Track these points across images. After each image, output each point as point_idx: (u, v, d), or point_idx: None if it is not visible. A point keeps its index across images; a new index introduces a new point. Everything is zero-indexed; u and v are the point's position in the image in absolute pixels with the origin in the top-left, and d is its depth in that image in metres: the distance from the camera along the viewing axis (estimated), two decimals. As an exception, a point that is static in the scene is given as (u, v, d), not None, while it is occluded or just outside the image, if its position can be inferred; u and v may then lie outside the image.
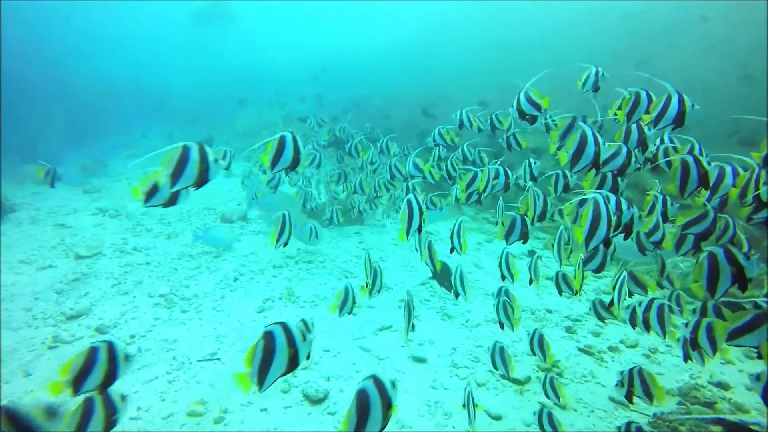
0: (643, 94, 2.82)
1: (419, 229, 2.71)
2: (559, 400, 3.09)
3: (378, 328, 4.76)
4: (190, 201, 8.82)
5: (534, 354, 3.23)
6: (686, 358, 2.58)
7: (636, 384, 2.63)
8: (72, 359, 1.80)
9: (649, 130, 2.89)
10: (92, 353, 1.80)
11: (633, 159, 2.79)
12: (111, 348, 1.82)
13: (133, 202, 8.77)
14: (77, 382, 1.77)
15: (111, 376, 1.82)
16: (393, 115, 13.06)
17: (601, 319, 3.54)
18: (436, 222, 7.76)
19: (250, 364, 1.70)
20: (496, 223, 5.07)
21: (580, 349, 4.50)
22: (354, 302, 3.29)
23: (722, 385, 3.94)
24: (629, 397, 2.65)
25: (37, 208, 8.65)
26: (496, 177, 3.73)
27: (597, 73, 3.34)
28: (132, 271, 5.83)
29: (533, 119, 3.22)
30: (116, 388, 1.94)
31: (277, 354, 1.70)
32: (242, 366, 3.90)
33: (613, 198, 2.34)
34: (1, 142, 12.16)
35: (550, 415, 2.70)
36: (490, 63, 17.92)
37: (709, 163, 2.55)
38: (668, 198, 2.89)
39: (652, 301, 2.85)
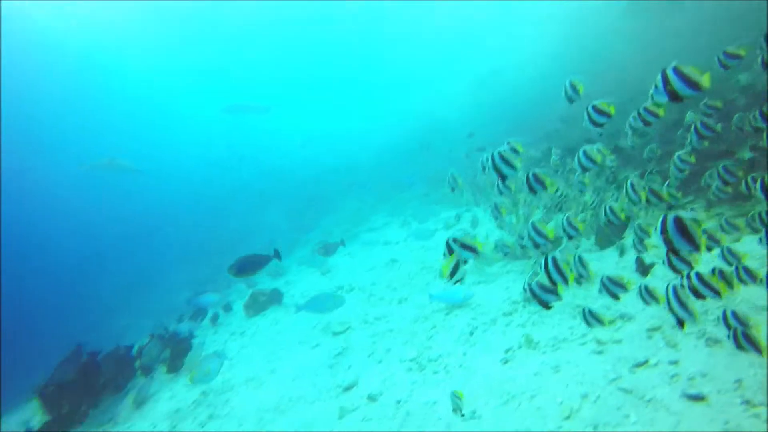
0: None
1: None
2: None
3: (633, 365, 4.43)
4: (409, 264, 9.67)
5: None
6: None
7: None
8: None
9: None
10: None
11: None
12: None
13: (363, 275, 10.01)
14: None
15: None
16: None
17: None
18: None
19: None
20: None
21: None
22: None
23: None
24: None
25: (293, 295, 10.51)
26: None
27: None
28: (379, 340, 6.62)
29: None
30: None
31: None
32: (505, 422, 4.05)
33: None
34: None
35: None
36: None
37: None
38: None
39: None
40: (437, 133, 20.52)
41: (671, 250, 2.64)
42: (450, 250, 3.42)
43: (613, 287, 3.97)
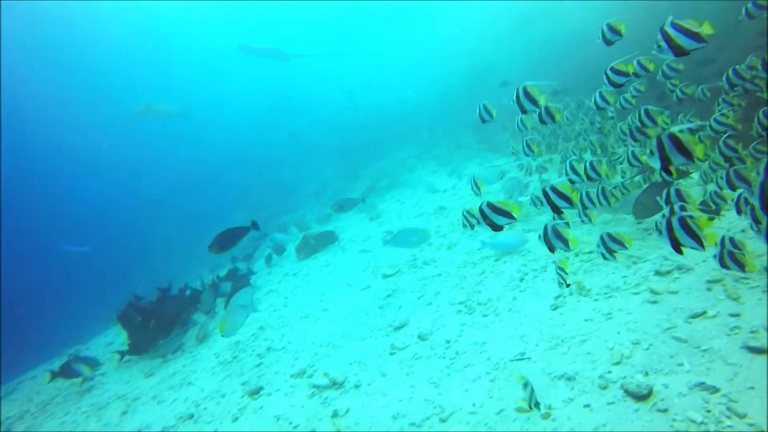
0: None
1: None
2: None
3: (689, 315, 4.36)
4: (457, 211, 9.66)
5: None
6: None
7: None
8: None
9: None
10: None
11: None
12: None
13: (411, 222, 10.12)
14: None
15: None
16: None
17: None
18: None
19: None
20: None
21: None
22: None
23: None
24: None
25: (342, 239, 10.80)
26: None
27: None
28: (429, 283, 6.77)
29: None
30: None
31: None
32: (554, 364, 4.13)
33: None
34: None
35: None
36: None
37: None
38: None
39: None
40: (483, 74, 19.66)
41: (666, 167, 2.71)
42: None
43: (611, 243, 3.88)
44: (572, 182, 4.53)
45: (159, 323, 8.26)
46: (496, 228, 3.30)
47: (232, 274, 9.72)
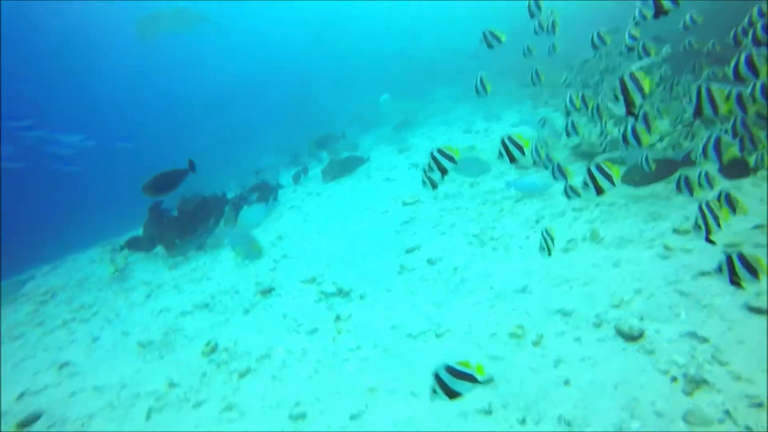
0: None
1: None
2: None
3: (697, 273, 4.36)
4: (486, 152, 9.57)
5: None
6: None
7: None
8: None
9: None
10: None
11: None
12: None
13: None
14: None
15: None
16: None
17: None
18: None
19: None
20: None
21: None
22: None
23: None
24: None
25: (368, 167, 10.91)
26: None
27: None
28: (446, 215, 6.88)
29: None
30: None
31: None
32: (553, 300, 4.24)
33: None
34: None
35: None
36: None
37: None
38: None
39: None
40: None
41: (631, 110, 2.96)
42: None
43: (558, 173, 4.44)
44: (568, 114, 5.03)
45: (188, 222, 8.70)
46: (445, 173, 3.51)
47: (258, 187, 10.02)
